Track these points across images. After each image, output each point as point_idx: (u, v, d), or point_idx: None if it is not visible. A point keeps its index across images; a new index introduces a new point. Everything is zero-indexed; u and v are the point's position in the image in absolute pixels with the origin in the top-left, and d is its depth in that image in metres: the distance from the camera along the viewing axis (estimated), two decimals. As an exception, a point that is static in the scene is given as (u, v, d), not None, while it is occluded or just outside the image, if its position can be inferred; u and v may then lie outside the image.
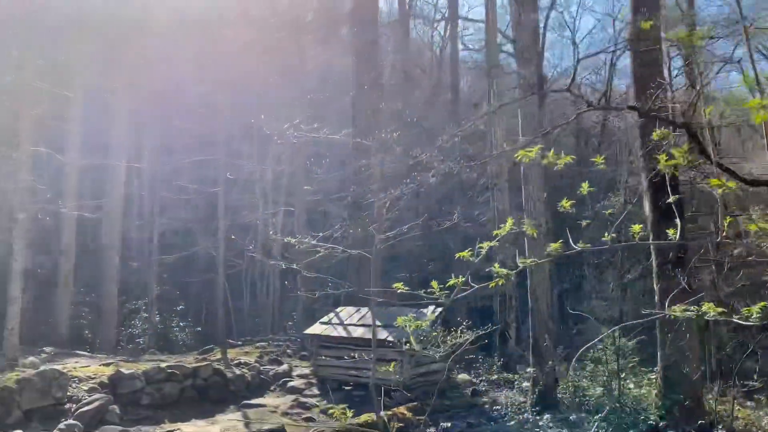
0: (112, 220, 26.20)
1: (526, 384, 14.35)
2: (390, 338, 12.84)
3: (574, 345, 16.58)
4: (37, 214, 17.62)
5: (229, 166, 24.42)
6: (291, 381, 13.90)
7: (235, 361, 15.23)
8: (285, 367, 14.93)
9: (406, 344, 9.39)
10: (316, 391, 13.26)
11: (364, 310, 14.54)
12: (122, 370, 11.28)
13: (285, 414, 11.46)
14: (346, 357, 13.44)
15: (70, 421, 9.67)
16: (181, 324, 32.04)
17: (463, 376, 15.36)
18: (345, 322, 14.03)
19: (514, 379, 15.07)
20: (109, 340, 25.26)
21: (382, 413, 10.09)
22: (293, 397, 12.63)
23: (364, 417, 10.25)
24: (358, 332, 13.42)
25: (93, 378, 11.41)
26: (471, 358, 14.45)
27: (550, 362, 11.87)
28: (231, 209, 33.32)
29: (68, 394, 10.39)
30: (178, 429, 10.08)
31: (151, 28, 23.94)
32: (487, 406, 12.55)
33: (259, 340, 19.29)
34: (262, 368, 14.29)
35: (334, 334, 13.65)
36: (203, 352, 17.06)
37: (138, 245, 31.64)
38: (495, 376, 15.59)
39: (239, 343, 18.74)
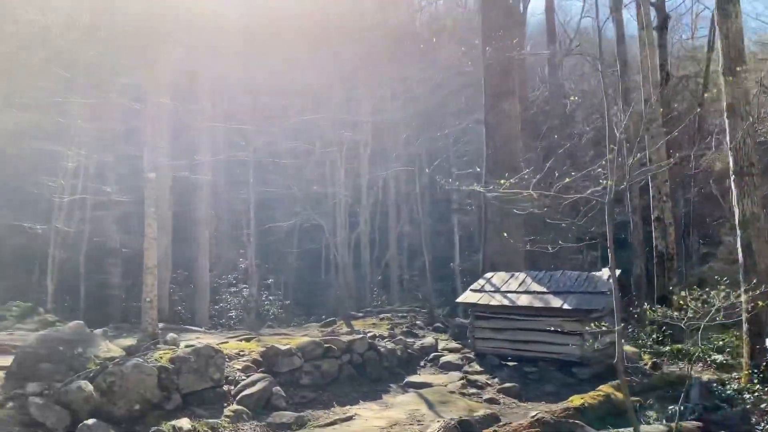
0: (202, 192, 25.21)
1: (718, 357, 12.39)
2: (566, 306, 11.05)
3: None
4: (172, 174, 16.47)
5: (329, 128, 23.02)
6: (442, 356, 12.32)
7: (368, 334, 13.78)
8: (429, 340, 13.37)
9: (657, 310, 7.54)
10: (477, 366, 11.62)
11: (521, 275, 12.76)
12: (277, 346, 9.86)
13: (462, 395, 9.85)
14: (507, 328, 11.80)
15: (236, 407, 8.30)
16: (271, 298, 31.15)
17: (628, 348, 13.47)
18: (501, 289, 12.30)
19: (688, 350, 13.14)
20: (203, 316, 24.55)
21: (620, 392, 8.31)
22: (458, 374, 11.02)
23: (576, 399, 8.50)
24: (523, 300, 11.66)
25: (242, 355, 10.06)
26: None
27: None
28: (306, 181, 31.98)
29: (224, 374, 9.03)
30: (355, 414, 8.60)
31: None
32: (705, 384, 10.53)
33: (379, 311, 17.84)
34: (408, 342, 12.73)
35: (494, 302, 11.93)
36: (326, 324, 15.71)
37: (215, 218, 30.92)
38: (667, 348, 13.69)
39: (360, 314, 17.31)
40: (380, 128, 29.26)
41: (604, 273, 11.96)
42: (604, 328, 8.13)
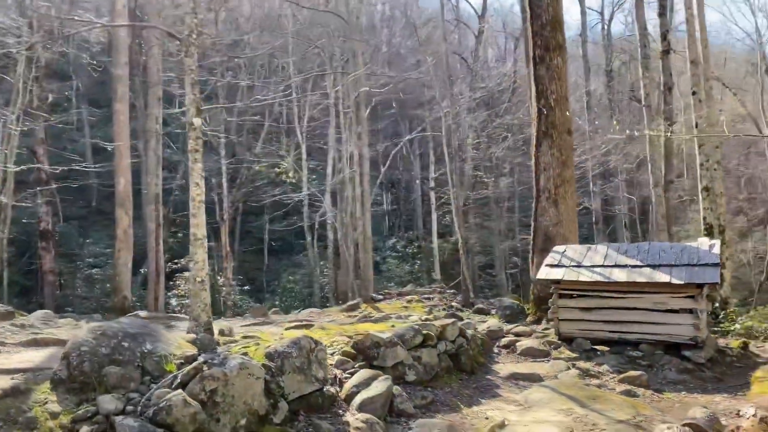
0: (151, 165, 22.15)
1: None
2: (676, 280, 9.68)
3: None
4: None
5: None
6: (518, 341, 10.70)
7: (411, 318, 11.99)
8: (494, 323, 11.76)
9: None
10: (567, 352, 10.06)
11: (600, 248, 11.33)
12: (377, 334, 7.84)
13: (597, 387, 8.25)
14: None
15: (359, 414, 6.28)
16: (233, 283, 28.64)
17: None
18: (583, 264, 10.79)
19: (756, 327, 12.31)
20: (159, 303, 21.99)
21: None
22: (562, 363, 9.40)
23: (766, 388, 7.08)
24: (619, 275, 10.18)
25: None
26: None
27: None
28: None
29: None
30: (504, 420, 6.79)
31: None
32: None
33: (398, 293, 16.00)
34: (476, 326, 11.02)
35: (583, 278, 10.38)
36: (349, 308, 13.70)
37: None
38: (737, 325, 12.72)
39: (380, 297, 15.39)
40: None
41: (702, 243, 10.73)
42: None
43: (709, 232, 14.25)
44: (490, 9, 40.12)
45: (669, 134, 12.58)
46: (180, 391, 5.23)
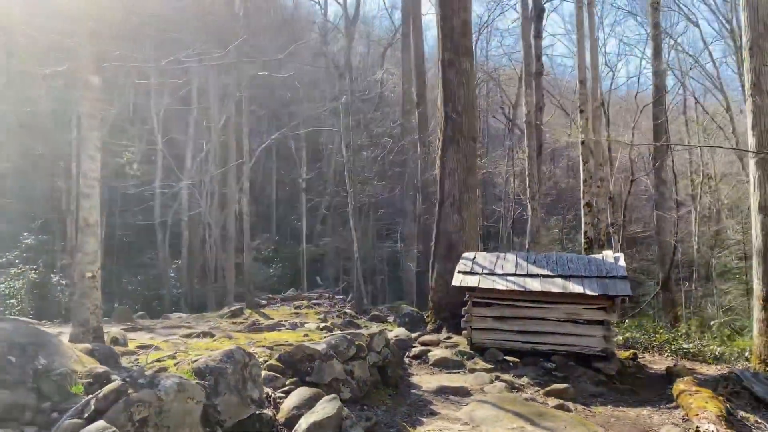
0: None
1: (687, 346, 12.15)
2: (590, 292, 9.69)
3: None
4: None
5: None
6: (429, 351, 10.14)
7: (307, 326, 11.03)
8: (401, 331, 11.07)
9: None
10: (482, 363, 9.62)
11: (510, 256, 11.13)
12: (310, 345, 6.74)
13: (534, 401, 7.84)
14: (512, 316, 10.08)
15: (308, 444, 5.23)
16: (64, 282, 25.52)
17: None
18: (495, 272, 10.50)
19: (637, 339, 12.99)
20: None
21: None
22: (485, 376, 8.91)
23: (702, 403, 7.04)
24: (534, 285, 9.99)
25: (240, 360, 6.74)
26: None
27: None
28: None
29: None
30: (460, 440, 6.09)
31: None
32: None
33: (283, 298, 14.73)
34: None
35: (499, 287, 10.05)
36: (234, 314, 12.28)
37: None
38: (618, 337, 13.22)
39: (264, 302, 14.03)
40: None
41: (607, 255, 10.92)
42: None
43: (590, 246, 14.82)
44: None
45: (606, 139, 12.76)
46: (102, 423, 3.87)
